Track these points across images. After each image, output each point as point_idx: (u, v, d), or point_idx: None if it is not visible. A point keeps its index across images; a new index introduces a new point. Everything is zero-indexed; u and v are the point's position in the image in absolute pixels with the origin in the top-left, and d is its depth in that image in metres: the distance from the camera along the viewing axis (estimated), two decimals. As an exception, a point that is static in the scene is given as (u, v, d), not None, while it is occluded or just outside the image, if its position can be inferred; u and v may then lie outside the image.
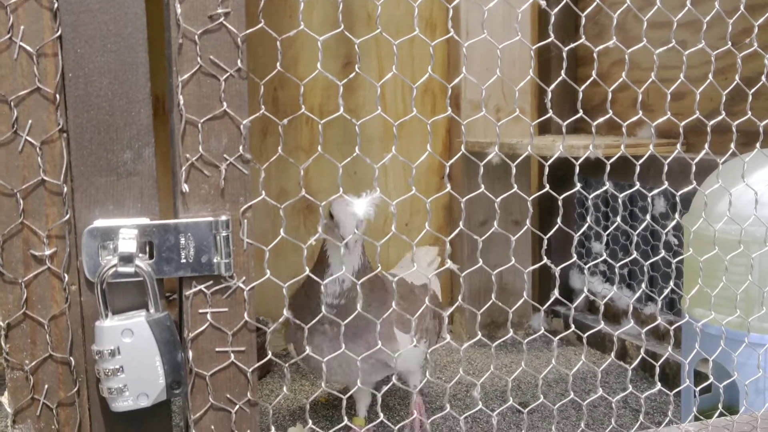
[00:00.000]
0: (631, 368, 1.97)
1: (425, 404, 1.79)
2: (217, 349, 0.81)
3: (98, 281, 0.76)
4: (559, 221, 0.91)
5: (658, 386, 1.05)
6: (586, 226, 2.25)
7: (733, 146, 0.98)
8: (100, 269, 0.76)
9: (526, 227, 0.92)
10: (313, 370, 1.48)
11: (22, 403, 0.78)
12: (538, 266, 0.98)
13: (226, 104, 0.78)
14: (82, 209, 0.77)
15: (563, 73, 0.91)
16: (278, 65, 0.77)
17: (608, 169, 0.93)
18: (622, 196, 1.02)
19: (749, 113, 1.00)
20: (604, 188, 0.95)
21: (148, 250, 0.78)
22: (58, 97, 0.75)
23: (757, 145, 1.23)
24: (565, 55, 0.90)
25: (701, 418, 1.07)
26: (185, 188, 0.78)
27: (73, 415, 0.80)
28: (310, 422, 0.85)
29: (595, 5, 0.94)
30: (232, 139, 0.78)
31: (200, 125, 0.77)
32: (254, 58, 0.84)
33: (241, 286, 0.80)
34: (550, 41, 0.88)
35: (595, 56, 0.91)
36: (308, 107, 2.27)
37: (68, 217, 0.77)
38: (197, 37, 0.76)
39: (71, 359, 0.78)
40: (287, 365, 0.84)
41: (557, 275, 0.90)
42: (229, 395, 0.82)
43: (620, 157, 0.96)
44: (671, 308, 2.03)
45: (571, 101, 2.23)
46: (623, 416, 1.71)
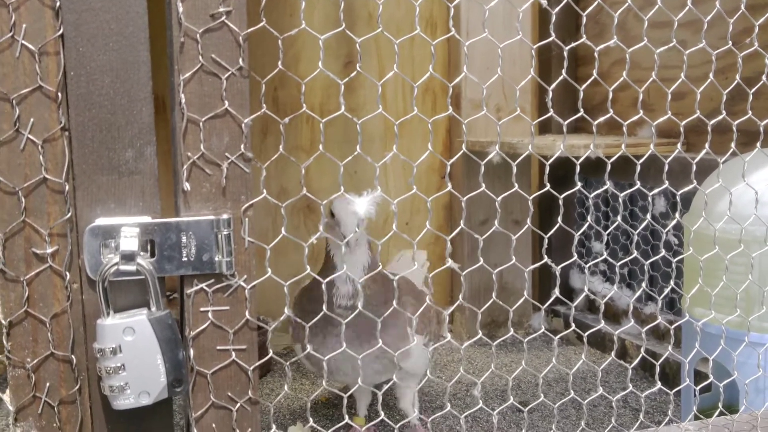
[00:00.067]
0: (631, 367, 1.97)
1: (425, 403, 1.79)
2: (218, 347, 0.81)
3: (100, 279, 0.76)
4: (559, 220, 0.92)
5: (658, 385, 1.05)
6: (586, 225, 2.25)
7: (733, 146, 0.98)
8: (101, 267, 0.76)
9: (526, 226, 0.92)
10: (319, 370, 1.43)
11: (23, 400, 0.78)
12: (538, 265, 0.98)
13: (227, 103, 0.78)
14: (83, 207, 0.77)
15: (564, 72, 0.91)
16: (279, 64, 0.77)
17: (609, 168, 0.93)
18: (622, 195, 1.02)
19: (750, 113, 1.00)
20: (604, 188, 0.95)
21: (149, 248, 0.78)
22: (60, 95, 0.75)
23: (757, 144, 1.23)
24: (565, 54, 0.91)
25: (701, 417, 1.07)
26: (187, 187, 0.78)
27: (74, 413, 0.80)
28: (311, 421, 0.85)
29: (596, 4, 0.94)
30: (233, 137, 0.79)
31: (202, 124, 0.77)
32: (254, 57, 0.84)
33: (242, 284, 0.80)
34: (551, 40, 0.88)
35: (595, 55, 0.91)
36: (308, 106, 2.26)
37: (70, 215, 0.77)
38: (199, 35, 0.76)
39: (73, 357, 0.79)
40: (288, 364, 0.84)
41: (557, 274, 0.90)
42: (230, 393, 0.82)
43: (621, 156, 0.96)
44: (671, 308, 2.03)
45: (571, 100, 2.23)
46: (623, 415, 1.71)
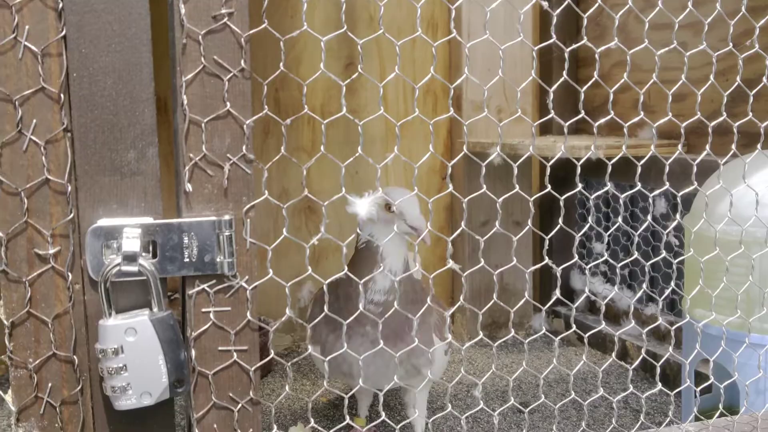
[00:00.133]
0: (631, 368, 1.97)
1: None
2: (219, 348, 0.81)
3: (102, 280, 0.76)
4: (560, 222, 0.92)
5: (658, 386, 1.05)
6: (587, 226, 2.25)
7: (734, 147, 0.99)
8: (103, 268, 0.76)
9: (527, 227, 0.92)
10: (333, 371, 1.36)
11: (25, 401, 0.78)
12: (539, 266, 0.98)
13: (229, 104, 0.78)
14: (86, 208, 0.78)
15: (565, 73, 0.91)
16: (281, 65, 0.77)
17: (609, 169, 0.93)
18: (623, 196, 1.02)
19: (750, 114, 1.00)
20: (605, 189, 0.95)
21: (151, 249, 0.78)
22: (62, 96, 0.75)
23: (758, 146, 1.24)
24: (566, 56, 0.91)
25: (702, 418, 1.07)
26: (189, 188, 0.78)
27: (76, 413, 0.80)
28: (312, 421, 0.85)
29: (596, 6, 0.94)
30: (235, 138, 0.79)
31: (204, 125, 0.77)
32: (256, 58, 0.84)
33: (243, 285, 0.80)
34: (551, 42, 0.88)
35: (596, 57, 0.91)
36: (310, 107, 2.27)
37: (72, 216, 0.77)
38: (201, 37, 0.76)
39: (75, 358, 0.79)
40: (289, 364, 0.84)
41: (558, 275, 0.90)
42: (231, 394, 0.82)
43: (621, 157, 0.96)
44: (672, 309, 2.03)
45: (572, 102, 2.23)
46: (624, 416, 1.71)
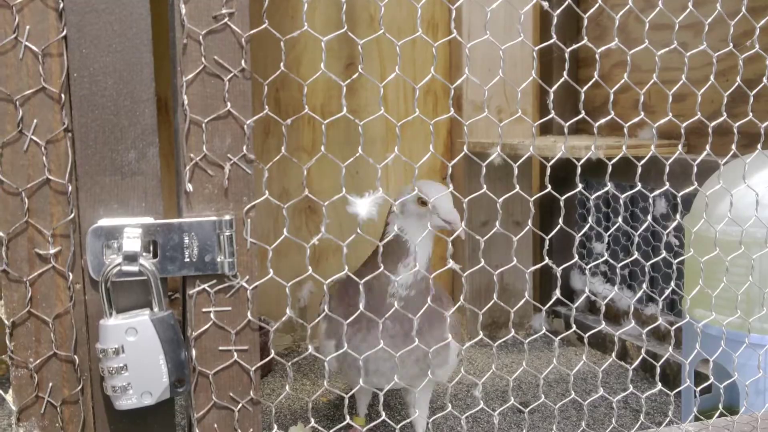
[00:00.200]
0: (631, 368, 1.97)
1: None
2: (220, 347, 0.81)
3: (102, 280, 0.76)
4: (560, 222, 0.92)
5: (658, 386, 1.05)
6: (587, 226, 2.25)
7: (734, 147, 0.99)
8: (104, 268, 0.76)
9: (527, 228, 0.92)
10: (350, 366, 1.34)
11: (26, 400, 0.78)
12: (539, 266, 0.98)
13: (229, 104, 0.78)
14: (86, 208, 0.78)
15: (565, 74, 0.91)
16: (281, 65, 0.77)
17: (610, 170, 0.93)
18: (623, 196, 1.02)
19: (750, 115, 1.00)
20: (605, 189, 0.96)
21: (152, 249, 0.78)
22: (63, 96, 0.75)
23: (758, 146, 1.24)
24: (567, 56, 0.91)
25: (701, 418, 1.07)
26: (189, 188, 0.78)
27: (77, 413, 0.80)
28: (312, 421, 0.86)
29: (597, 7, 0.94)
30: (235, 139, 0.79)
31: (204, 125, 0.78)
32: (256, 58, 0.84)
33: (244, 285, 0.80)
34: (552, 42, 0.88)
35: (596, 57, 0.91)
36: (310, 108, 2.27)
37: (73, 216, 0.77)
38: (201, 37, 0.76)
39: (75, 357, 0.79)
40: (290, 364, 0.84)
41: (558, 276, 0.91)
42: (231, 394, 0.82)
43: (622, 158, 0.96)
44: (672, 309, 2.03)
45: (572, 102, 2.24)
46: (624, 416, 1.71)
